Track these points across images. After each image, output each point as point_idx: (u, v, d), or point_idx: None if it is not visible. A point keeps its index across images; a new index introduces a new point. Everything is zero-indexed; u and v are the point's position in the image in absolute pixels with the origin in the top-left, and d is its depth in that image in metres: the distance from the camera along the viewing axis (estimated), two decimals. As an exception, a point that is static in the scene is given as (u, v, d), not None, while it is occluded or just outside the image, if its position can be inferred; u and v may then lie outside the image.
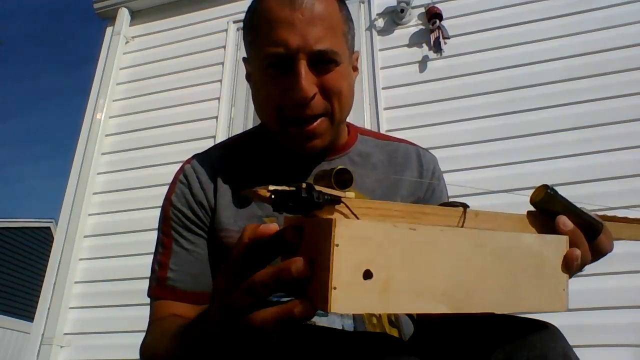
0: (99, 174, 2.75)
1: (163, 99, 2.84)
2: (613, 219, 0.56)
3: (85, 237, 2.59)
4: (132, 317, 2.22)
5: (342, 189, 0.41)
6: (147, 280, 0.78)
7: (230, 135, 0.95)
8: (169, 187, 0.80)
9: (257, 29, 0.72)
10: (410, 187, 0.80)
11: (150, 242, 0.81)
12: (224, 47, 2.85)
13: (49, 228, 12.47)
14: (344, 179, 0.41)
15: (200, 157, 0.82)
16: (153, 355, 0.64)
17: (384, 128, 2.34)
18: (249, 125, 2.56)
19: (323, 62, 0.69)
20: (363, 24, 2.66)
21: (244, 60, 0.80)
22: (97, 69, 3.05)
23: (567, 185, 2.00)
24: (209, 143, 2.55)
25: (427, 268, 0.39)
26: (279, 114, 0.71)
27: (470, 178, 2.06)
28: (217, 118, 2.66)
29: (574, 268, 0.48)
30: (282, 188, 0.38)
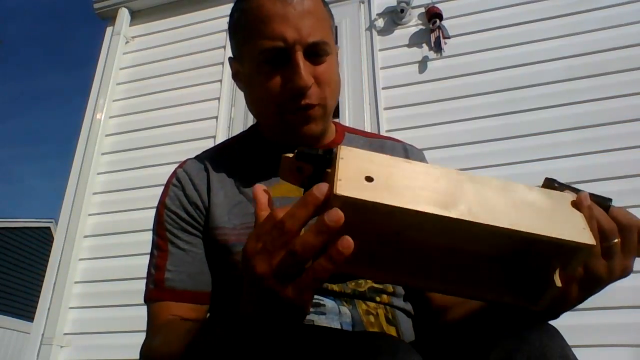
0: (99, 174, 2.75)
1: (163, 99, 2.84)
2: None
3: (85, 237, 2.59)
4: (132, 317, 2.22)
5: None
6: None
7: (231, 135, 0.97)
8: (163, 191, 0.81)
9: (248, 27, 0.73)
10: None
11: (150, 242, 0.80)
12: (224, 47, 2.85)
13: (49, 228, 12.49)
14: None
15: (193, 160, 0.84)
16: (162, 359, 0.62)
17: (384, 128, 2.34)
18: (249, 125, 2.55)
19: (316, 53, 0.72)
20: (363, 24, 2.66)
21: (230, 60, 0.83)
22: (97, 69, 3.05)
23: (567, 185, 2.00)
24: (209, 143, 2.55)
25: (426, 184, 0.44)
26: (277, 108, 0.73)
27: (470, 178, 2.05)
28: (217, 118, 2.66)
29: (587, 214, 0.47)
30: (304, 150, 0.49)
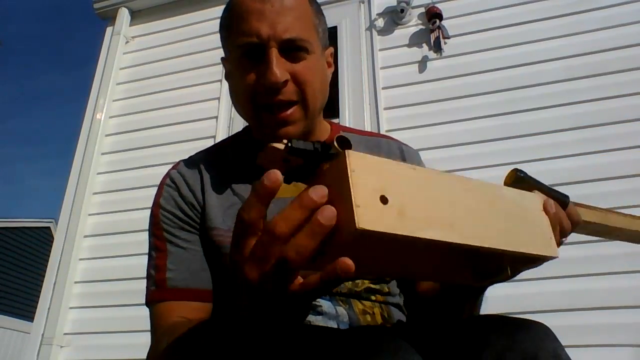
0: (99, 174, 2.75)
1: (163, 99, 2.84)
2: (581, 205, 0.63)
3: (85, 237, 2.59)
4: (131, 317, 2.22)
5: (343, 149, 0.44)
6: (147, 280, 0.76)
7: (230, 135, 0.96)
8: (156, 192, 0.81)
9: (230, 23, 0.75)
10: None
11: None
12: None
13: (49, 228, 12.48)
14: (344, 141, 0.45)
15: (186, 161, 0.84)
16: None
17: (384, 128, 2.34)
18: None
19: (293, 49, 0.72)
20: (363, 24, 2.66)
21: (223, 60, 0.83)
22: (97, 69, 3.05)
23: (567, 185, 2.00)
24: (209, 143, 2.54)
25: (431, 200, 0.43)
26: (253, 102, 0.73)
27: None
28: (217, 118, 2.66)
29: (552, 218, 0.51)
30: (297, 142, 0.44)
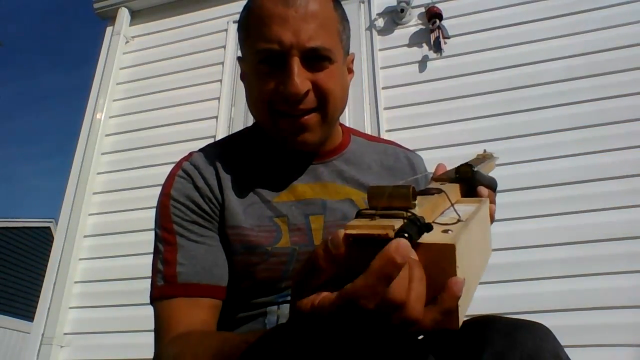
0: (99, 174, 2.75)
1: (163, 99, 2.84)
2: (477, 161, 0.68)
3: (85, 237, 2.59)
4: (132, 317, 2.23)
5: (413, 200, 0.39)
6: (147, 280, 0.73)
7: (237, 131, 0.94)
8: (165, 183, 0.76)
9: (250, 26, 0.72)
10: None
11: (151, 241, 0.78)
12: (224, 47, 2.85)
13: (49, 228, 12.47)
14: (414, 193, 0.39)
15: (199, 153, 0.80)
16: None
17: (384, 128, 2.34)
18: (249, 125, 2.54)
19: (316, 59, 0.69)
20: (363, 24, 2.65)
21: (239, 60, 0.80)
22: (97, 69, 3.05)
23: (567, 185, 2.00)
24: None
25: (470, 260, 0.41)
26: (270, 108, 0.71)
27: (470, 178, 2.05)
28: (217, 118, 2.66)
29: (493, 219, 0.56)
30: (397, 223, 0.36)
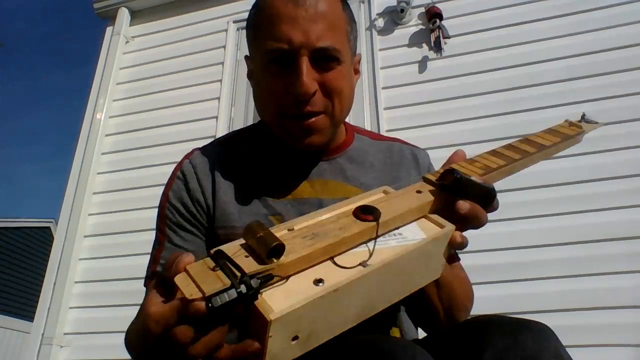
0: (99, 174, 2.75)
1: (163, 99, 2.84)
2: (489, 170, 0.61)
3: (85, 237, 2.59)
4: (132, 317, 2.21)
5: (275, 258, 0.42)
6: (147, 280, 0.77)
7: (240, 128, 0.93)
8: (168, 181, 0.80)
9: (259, 25, 0.72)
10: (409, 184, 0.80)
11: (150, 242, 0.81)
12: (224, 47, 2.85)
13: (49, 228, 12.46)
14: (276, 249, 0.42)
15: (200, 152, 0.82)
16: (129, 341, 0.65)
17: (384, 128, 2.34)
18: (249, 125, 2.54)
19: (325, 59, 0.69)
20: (363, 24, 2.65)
21: (246, 59, 0.80)
22: (97, 69, 3.05)
23: (567, 185, 2.00)
24: (209, 143, 2.54)
25: (342, 310, 0.43)
26: (279, 109, 0.71)
27: (470, 178, 2.05)
28: (217, 118, 2.66)
29: (456, 247, 0.54)
30: (214, 290, 0.39)
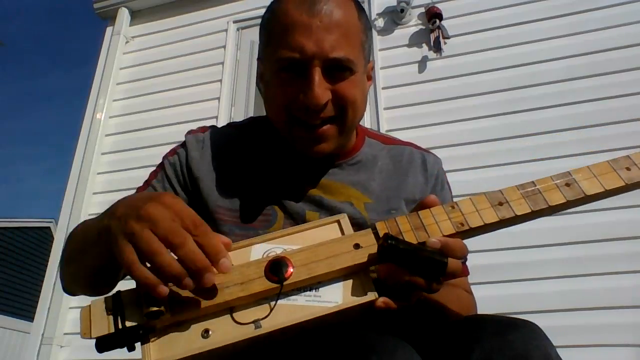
0: (99, 174, 2.75)
1: (163, 99, 2.84)
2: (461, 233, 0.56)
3: (85, 237, 2.59)
4: (132, 317, 2.22)
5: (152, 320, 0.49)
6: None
7: (250, 117, 0.93)
8: (172, 148, 0.81)
9: (273, 31, 0.71)
10: (414, 190, 0.80)
11: None
12: (224, 47, 2.85)
13: (49, 228, 12.47)
14: (153, 313, 0.48)
15: (215, 130, 0.83)
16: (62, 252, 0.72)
17: (384, 128, 2.34)
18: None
19: (338, 69, 0.68)
20: (363, 24, 2.66)
21: (259, 60, 0.80)
22: (97, 69, 3.05)
23: (567, 185, 2.00)
24: (209, 143, 2.54)
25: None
26: (288, 115, 0.71)
27: (470, 178, 2.05)
28: (217, 118, 2.66)
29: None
30: (100, 334, 0.48)
